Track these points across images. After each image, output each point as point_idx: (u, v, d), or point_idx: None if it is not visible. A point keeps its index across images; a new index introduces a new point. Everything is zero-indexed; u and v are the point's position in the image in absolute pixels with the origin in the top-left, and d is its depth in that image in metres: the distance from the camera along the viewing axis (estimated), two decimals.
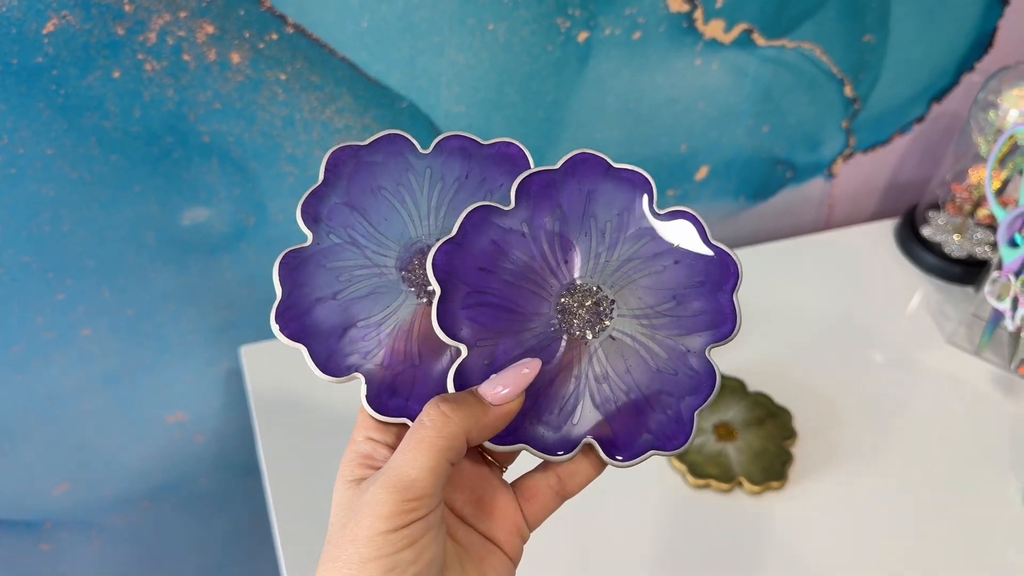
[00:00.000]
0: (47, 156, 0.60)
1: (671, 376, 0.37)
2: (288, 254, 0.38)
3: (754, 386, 0.74)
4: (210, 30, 0.58)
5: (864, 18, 0.78)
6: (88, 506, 0.84)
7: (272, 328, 0.37)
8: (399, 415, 0.37)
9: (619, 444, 0.36)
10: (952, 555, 0.65)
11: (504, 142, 0.41)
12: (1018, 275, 0.72)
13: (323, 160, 0.39)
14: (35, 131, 0.58)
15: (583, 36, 0.69)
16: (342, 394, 0.42)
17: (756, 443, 0.70)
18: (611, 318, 0.38)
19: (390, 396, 0.37)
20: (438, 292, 0.36)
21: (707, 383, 0.37)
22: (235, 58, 0.60)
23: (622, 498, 0.67)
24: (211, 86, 0.61)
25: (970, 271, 0.85)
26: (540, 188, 0.38)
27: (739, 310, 0.37)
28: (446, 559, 0.34)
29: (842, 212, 0.97)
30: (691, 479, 0.67)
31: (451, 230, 0.37)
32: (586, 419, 0.37)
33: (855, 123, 0.87)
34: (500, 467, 0.39)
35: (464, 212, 0.37)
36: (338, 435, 0.44)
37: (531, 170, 0.38)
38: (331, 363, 0.37)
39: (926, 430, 0.73)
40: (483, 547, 0.36)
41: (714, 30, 0.73)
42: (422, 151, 0.41)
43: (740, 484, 0.68)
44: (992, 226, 0.87)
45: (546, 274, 0.38)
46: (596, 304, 0.38)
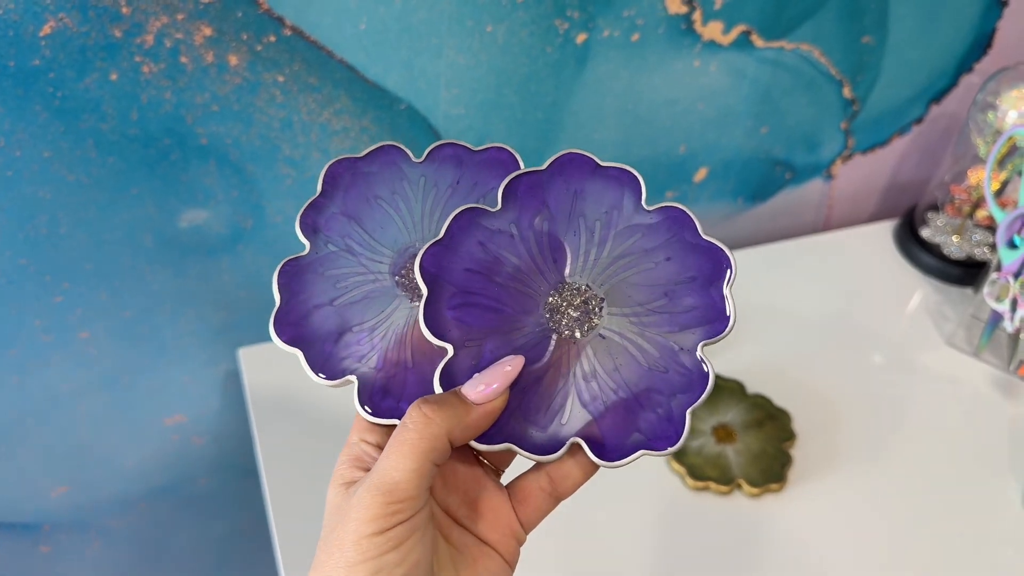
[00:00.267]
0: (44, 159, 0.60)
1: (661, 374, 0.36)
2: (287, 263, 0.39)
3: (753, 388, 0.74)
4: (208, 32, 0.58)
5: (863, 19, 0.78)
6: (87, 508, 0.83)
7: (271, 335, 0.38)
8: (392, 416, 0.37)
9: (607, 444, 0.36)
10: (951, 556, 0.65)
11: (495, 147, 0.41)
12: (1017, 276, 0.72)
13: (321, 173, 0.40)
14: (32, 134, 0.58)
15: (582, 38, 0.69)
16: (340, 396, 0.42)
17: (755, 445, 0.70)
18: (600, 316, 0.37)
19: (383, 397, 0.37)
20: (425, 293, 0.36)
21: (700, 381, 0.36)
22: (233, 60, 0.60)
23: (621, 500, 0.67)
24: (209, 88, 0.61)
25: (969, 272, 0.85)
26: (527, 189, 0.38)
27: (732, 305, 0.36)
28: (439, 561, 0.34)
29: (841, 213, 0.97)
30: (690, 481, 0.67)
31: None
32: (575, 419, 0.36)
33: (854, 124, 0.87)
34: (497, 470, 0.39)
35: (452, 215, 0.37)
36: (336, 436, 0.44)
37: (518, 171, 0.38)
38: (326, 367, 0.38)
39: (925, 432, 0.73)
40: (477, 549, 0.36)
41: (713, 31, 0.73)
42: (416, 160, 0.41)
43: (739, 486, 0.67)
44: (991, 227, 0.87)
45: (534, 274, 0.38)
46: (585, 303, 0.37)
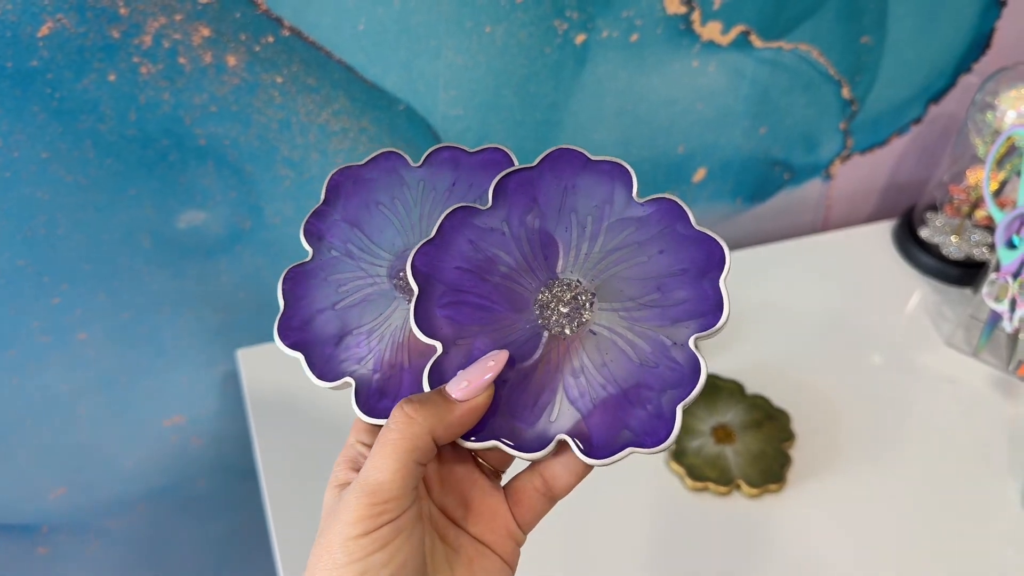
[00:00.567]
0: (42, 159, 0.60)
1: (652, 369, 0.35)
2: (291, 269, 0.40)
3: (752, 388, 0.74)
4: (206, 33, 0.58)
5: (861, 19, 0.78)
6: (85, 509, 0.83)
7: (275, 339, 0.39)
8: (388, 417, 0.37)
9: (595, 441, 0.35)
10: (951, 556, 0.65)
11: (491, 148, 0.41)
12: (1016, 276, 0.72)
13: (324, 182, 0.42)
14: (30, 135, 0.58)
15: (580, 38, 0.69)
16: (339, 397, 0.42)
17: (754, 445, 0.70)
18: (591, 312, 0.37)
19: (379, 399, 0.37)
20: (416, 292, 0.36)
21: (691, 376, 0.34)
22: (231, 61, 0.60)
23: (620, 500, 0.67)
24: (207, 89, 0.61)
25: (968, 272, 0.85)
26: (517, 186, 0.38)
27: (726, 298, 0.35)
28: (436, 561, 0.34)
29: (840, 213, 0.97)
30: (689, 482, 0.67)
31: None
32: (564, 416, 0.35)
33: (852, 124, 0.87)
34: (496, 471, 0.39)
35: (443, 213, 0.38)
36: (335, 438, 0.45)
37: (508, 169, 0.38)
38: (327, 369, 0.38)
39: (924, 432, 0.73)
40: (473, 549, 0.36)
41: (711, 32, 0.73)
42: (414, 165, 0.42)
43: (738, 487, 0.67)
44: (990, 227, 0.87)
45: (525, 271, 0.38)
46: (575, 299, 0.37)
